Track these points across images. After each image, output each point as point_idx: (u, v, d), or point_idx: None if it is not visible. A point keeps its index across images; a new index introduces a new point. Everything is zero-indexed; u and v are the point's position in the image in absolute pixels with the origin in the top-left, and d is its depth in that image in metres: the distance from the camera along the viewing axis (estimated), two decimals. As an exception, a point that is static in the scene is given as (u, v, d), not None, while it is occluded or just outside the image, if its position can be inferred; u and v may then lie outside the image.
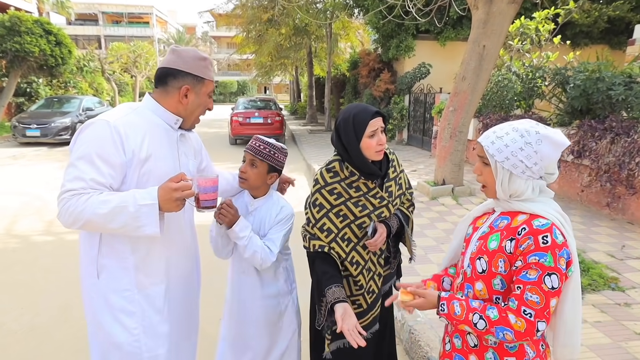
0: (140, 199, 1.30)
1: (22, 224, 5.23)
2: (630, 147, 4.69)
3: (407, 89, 11.73)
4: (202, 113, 1.57)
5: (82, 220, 1.28)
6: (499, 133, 1.19)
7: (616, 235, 4.42)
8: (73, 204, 1.28)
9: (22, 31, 12.99)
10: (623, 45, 10.95)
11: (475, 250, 1.26)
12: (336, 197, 1.63)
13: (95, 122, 1.36)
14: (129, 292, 1.44)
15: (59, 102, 13.83)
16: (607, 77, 5.43)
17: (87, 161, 1.31)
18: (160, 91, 1.49)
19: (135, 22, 44.25)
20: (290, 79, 30.12)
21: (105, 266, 1.43)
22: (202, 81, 1.49)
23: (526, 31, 7.94)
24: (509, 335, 1.12)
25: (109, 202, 1.29)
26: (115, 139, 1.33)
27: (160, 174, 1.43)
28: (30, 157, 10.30)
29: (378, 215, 1.67)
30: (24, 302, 3.29)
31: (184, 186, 1.32)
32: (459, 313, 1.19)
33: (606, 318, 2.81)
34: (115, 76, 23.35)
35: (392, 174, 1.73)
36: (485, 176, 1.23)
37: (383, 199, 1.67)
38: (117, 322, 1.43)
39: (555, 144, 1.14)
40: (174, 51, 1.48)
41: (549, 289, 1.09)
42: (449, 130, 5.89)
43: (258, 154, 1.71)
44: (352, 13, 13.75)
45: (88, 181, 1.30)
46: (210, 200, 1.42)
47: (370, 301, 1.73)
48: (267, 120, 12.22)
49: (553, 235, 1.10)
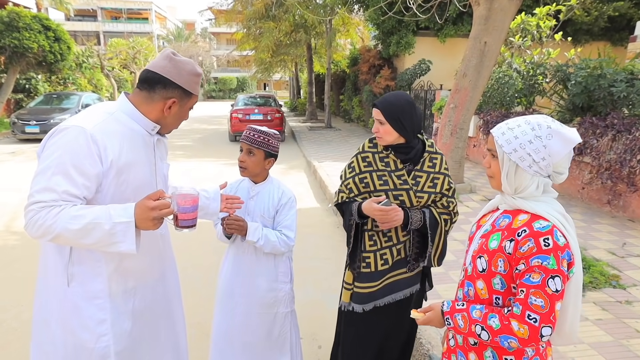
0: (116, 216, 1.24)
1: (21, 221, 5.19)
2: (631, 144, 4.68)
3: (408, 85, 11.70)
4: (179, 124, 1.54)
5: (52, 234, 1.22)
6: (511, 125, 1.18)
7: (617, 232, 4.41)
8: (42, 217, 1.21)
9: (20, 27, 12.92)
10: (625, 42, 10.92)
11: (477, 249, 1.26)
12: (366, 165, 1.80)
13: (69, 127, 1.27)
14: (100, 300, 1.39)
15: (58, 98, 13.78)
16: (608, 73, 5.41)
17: (60, 172, 1.24)
18: (144, 95, 1.41)
19: (134, 18, 44.05)
20: (290, 76, 30.03)
21: (76, 274, 1.37)
22: (190, 96, 1.45)
23: (527, 27, 7.91)
24: (514, 343, 1.11)
25: (82, 217, 1.23)
26: (92, 149, 1.27)
27: (138, 182, 1.40)
28: (29, 154, 10.27)
29: (396, 197, 1.74)
30: (23, 299, 3.28)
31: (161, 204, 1.25)
32: (463, 326, 1.20)
33: (607, 316, 2.80)
34: (114, 72, 23.28)
35: (428, 167, 1.78)
36: (494, 168, 1.23)
37: (406, 182, 1.74)
38: (86, 329, 1.39)
39: (565, 140, 1.12)
40: (171, 59, 1.40)
41: (552, 292, 1.08)
42: (450, 127, 5.87)
43: (254, 143, 1.83)
44: (352, 9, 13.69)
45: (60, 193, 1.23)
46: (190, 219, 1.33)
47: (380, 267, 1.80)
48: (266, 117, 12.19)
49: (554, 238, 1.09)
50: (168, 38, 45.62)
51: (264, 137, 1.85)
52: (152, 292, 1.55)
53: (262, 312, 1.96)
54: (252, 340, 1.99)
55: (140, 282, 1.51)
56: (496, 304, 1.21)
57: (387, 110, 1.71)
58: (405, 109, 1.71)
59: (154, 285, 1.56)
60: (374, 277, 1.80)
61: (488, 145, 1.24)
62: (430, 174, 1.77)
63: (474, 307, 1.20)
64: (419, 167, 1.77)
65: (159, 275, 1.59)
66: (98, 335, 1.40)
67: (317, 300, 3.28)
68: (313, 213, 5.63)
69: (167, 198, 1.30)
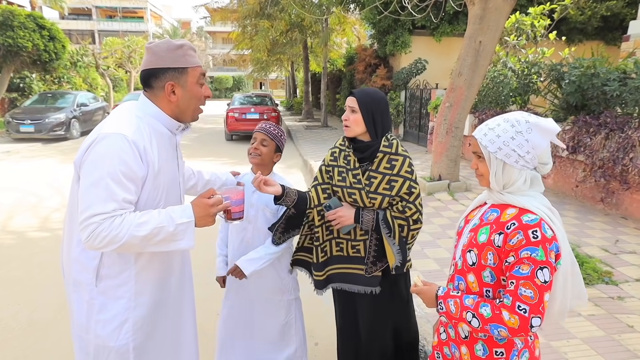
0: (178, 218, 1.31)
1: (18, 220, 5.20)
2: (624, 142, 4.73)
3: (403, 84, 11.73)
4: (201, 103, 1.48)
5: (119, 243, 1.25)
6: (490, 125, 1.23)
7: (610, 229, 4.46)
8: (106, 228, 1.23)
9: (14, 25, 12.83)
10: (618, 41, 11.00)
11: (466, 243, 1.29)
12: (332, 160, 1.86)
13: (110, 135, 1.29)
14: (124, 300, 1.42)
15: (53, 97, 13.69)
16: (602, 73, 5.45)
17: (115, 181, 1.26)
18: (149, 95, 1.42)
19: (130, 17, 43.82)
20: (286, 75, 30.01)
21: (105, 276, 1.40)
22: (185, 71, 1.39)
23: (522, 27, 7.95)
24: (503, 332, 1.14)
25: (146, 223, 1.27)
26: (137, 155, 1.30)
27: (169, 183, 1.44)
28: (24, 153, 10.22)
29: (350, 195, 1.74)
30: (21, 298, 3.29)
31: (218, 201, 1.37)
32: (454, 311, 1.22)
33: (600, 311, 2.84)
34: (109, 71, 23.15)
35: (384, 168, 1.72)
36: (482, 169, 1.27)
37: (360, 181, 1.73)
38: (109, 328, 1.41)
39: (545, 131, 1.17)
40: (148, 50, 1.40)
41: (541, 282, 1.11)
42: (445, 126, 5.91)
43: (269, 134, 1.93)
44: (348, 8, 13.70)
45: (120, 202, 1.27)
46: (240, 212, 1.52)
47: (321, 259, 1.86)
48: (263, 116, 12.20)
49: (542, 230, 1.13)
50: (163, 37, 45.37)
51: (278, 131, 1.97)
52: (172, 291, 1.58)
53: (270, 297, 2.06)
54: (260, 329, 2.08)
55: (163, 281, 1.53)
56: (487, 296, 1.24)
57: (362, 99, 1.70)
58: (381, 105, 1.72)
59: (174, 284, 1.59)
60: (318, 267, 1.87)
61: (472, 148, 1.28)
62: (387, 176, 1.72)
63: (467, 296, 1.23)
64: (374, 167, 1.73)
65: (178, 275, 1.62)
66: (119, 334, 1.42)
67: (314, 298, 3.30)
68: (309, 212, 5.64)
69: (218, 195, 1.39)
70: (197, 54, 1.47)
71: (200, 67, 1.43)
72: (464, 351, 1.30)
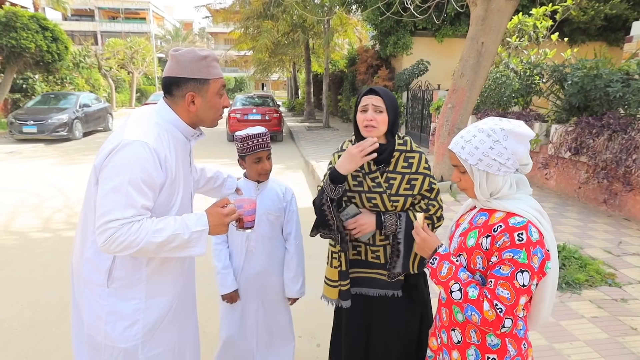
0: (193, 226, 1.34)
1: (20, 220, 5.21)
2: (627, 144, 4.72)
3: (405, 85, 11.73)
4: (219, 113, 1.50)
5: (135, 248, 1.28)
6: (466, 137, 1.22)
7: (613, 231, 4.45)
8: (124, 233, 1.26)
9: (17, 27, 12.88)
10: (620, 42, 10.97)
11: (456, 247, 1.30)
12: None
13: (132, 143, 1.30)
14: (135, 301, 1.43)
15: (56, 98, 13.72)
16: (604, 74, 5.44)
17: (135, 187, 1.28)
18: (169, 101, 1.44)
19: (132, 18, 43.94)
20: (288, 76, 30.04)
21: (117, 277, 1.41)
22: (207, 82, 1.41)
23: (524, 28, 7.94)
24: (475, 317, 1.14)
25: (163, 230, 1.30)
26: (157, 163, 1.33)
27: (183, 189, 1.46)
28: (27, 154, 10.25)
29: (369, 200, 1.65)
30: (23, 299, 3.29)
31: (231, 211, 1.41)
32: (444, 274, 1.22)
33: (603, 313, 2.83)
34: (111, 72, 23.23)
35: (402, 167, 1.65)
36: (465, 181, 1.27)
37: (379, 185, 1.64)
38: (119, 329, 1.42)
39: (520, 137, 1.18)
40: (172, 57, 1.41)
41: (520, 285, 1.11)
42: (447, 127, 5.90)
43: (267, 147, 1.93)
44: (350, 9, 13.71)
45: (139, 208, 1.29)
46: (252, 221, 1.56)
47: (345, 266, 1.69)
48: (264, 117, 12.19)
49: (528, 233, 1.13)
50: (165, 38, 45.56)
51: (267, 138, 1.94)
52: (180, 293, 1.59)
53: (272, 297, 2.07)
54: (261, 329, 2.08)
55: (173, 283, 1.54)
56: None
57: (388, 98, 1.60)
58: (397, 104, 1.66)
59: (182, 287, 1.60)
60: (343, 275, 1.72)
61: (452, 162, 1.27)
62: (406, 175, 1.64)
63: (463, 270, 1.22)
64: (391, 168, 1.65)
65: (186, 276, 1.63)
66: (129, 335, 1.43)
67: (315, 299, 3.30)
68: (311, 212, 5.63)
69: (232, 204, 1.45)
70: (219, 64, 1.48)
71: (221, 79, 1.46)
72: (455, 356, 1.29)
